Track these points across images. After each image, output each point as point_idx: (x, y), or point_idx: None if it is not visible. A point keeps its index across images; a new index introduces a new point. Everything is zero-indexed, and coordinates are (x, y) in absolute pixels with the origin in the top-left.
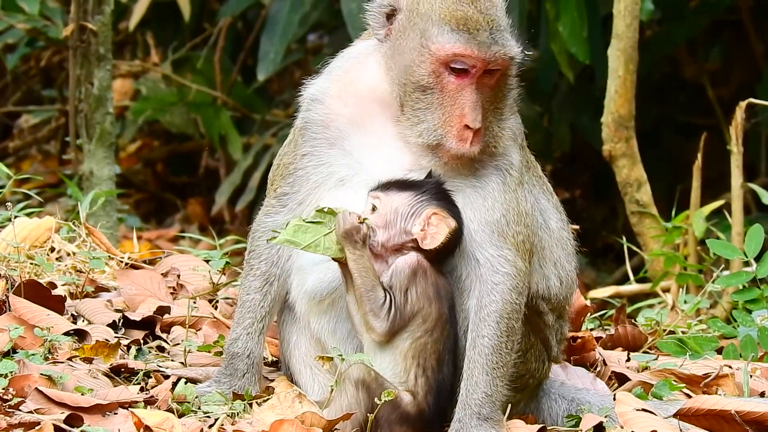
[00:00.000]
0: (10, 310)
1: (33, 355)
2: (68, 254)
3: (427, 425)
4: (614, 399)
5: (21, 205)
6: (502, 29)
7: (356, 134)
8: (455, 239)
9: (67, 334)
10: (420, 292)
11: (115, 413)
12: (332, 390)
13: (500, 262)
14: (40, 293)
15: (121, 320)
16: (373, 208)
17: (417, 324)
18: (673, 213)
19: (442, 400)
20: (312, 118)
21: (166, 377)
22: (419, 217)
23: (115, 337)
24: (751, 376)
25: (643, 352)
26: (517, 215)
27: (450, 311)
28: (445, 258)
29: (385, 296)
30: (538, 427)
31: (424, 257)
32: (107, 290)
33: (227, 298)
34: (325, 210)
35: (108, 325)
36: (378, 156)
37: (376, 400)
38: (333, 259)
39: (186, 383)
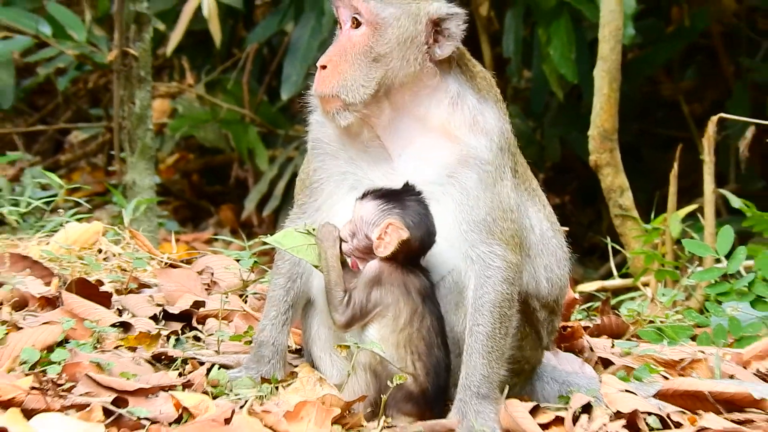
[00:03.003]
0: (62, 305)
1: (83, 344)
2: (114, 255)
3: (431, 403)
4: (600, 381)
5: (72, 211)
6: None
7: (355, 144)
8: (417, 246)
9: (113, 326)
10: (384, 293)
11: (157, 396)
12: (349, 375)
13: (491, 258)
14: (89, 290)
15: (162, 313)
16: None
17: (391, 319)
18: (652, 216)
19: (441, 379)
20: (317, 137)
21: (202, 364)
22: (378, 227)
23: (156, 328)
24: (722, 361)
25: (626, 340)
26: (502, 212)
27: (425, 302)
28: (414, 260)
29: (344, 294)
30: (532, 404)
31: (390, 261)
32: (149, 287)
33: (255, 293)
34: (313, 230)
35: (150, 318)
36: (372, 159)
37: (388, 383)
38: (312, 265)
39: (219, 369)
